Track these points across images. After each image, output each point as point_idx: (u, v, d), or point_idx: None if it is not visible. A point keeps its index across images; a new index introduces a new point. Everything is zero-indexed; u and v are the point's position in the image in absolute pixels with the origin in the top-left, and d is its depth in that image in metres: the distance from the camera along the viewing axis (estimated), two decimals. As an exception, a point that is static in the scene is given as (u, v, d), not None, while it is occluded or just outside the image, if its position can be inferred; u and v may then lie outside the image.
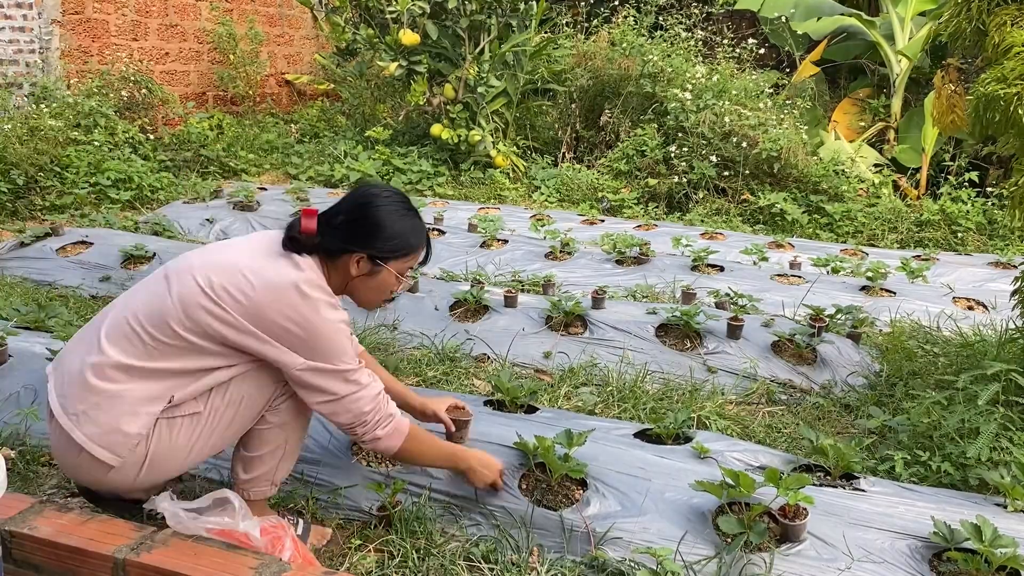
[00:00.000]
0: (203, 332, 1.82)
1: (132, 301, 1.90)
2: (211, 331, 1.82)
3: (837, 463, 2.42)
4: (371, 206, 1.96)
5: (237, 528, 1.84)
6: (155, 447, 1.84)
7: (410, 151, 8.03)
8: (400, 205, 2.00)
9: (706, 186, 7.04)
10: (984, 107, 2.75)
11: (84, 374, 1.83)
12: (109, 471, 1.84)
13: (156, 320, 1.83)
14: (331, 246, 1.94)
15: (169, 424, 1.85)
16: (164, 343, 1.82)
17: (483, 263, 4.99)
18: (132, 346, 1.83)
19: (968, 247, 6.17)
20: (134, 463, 1.84)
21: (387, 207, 1.97)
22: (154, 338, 1.82)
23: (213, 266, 1.87)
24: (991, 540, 1.89)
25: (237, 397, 1.89)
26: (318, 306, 1.85)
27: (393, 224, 1.96)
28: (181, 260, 1.94)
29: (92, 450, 1.80)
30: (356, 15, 8.63)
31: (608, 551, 2.07)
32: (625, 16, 8.82)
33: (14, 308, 3.51)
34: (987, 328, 3.72)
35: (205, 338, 1.82)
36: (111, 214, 5.81)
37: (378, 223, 1.95)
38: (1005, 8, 2.83)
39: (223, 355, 1.86)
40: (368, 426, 1.96)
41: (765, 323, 3.73)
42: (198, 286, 1.83)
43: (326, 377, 1.88)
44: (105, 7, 7.93)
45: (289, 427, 2.02)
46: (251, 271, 1.85)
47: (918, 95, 8.48)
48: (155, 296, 1.87)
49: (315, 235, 1.91)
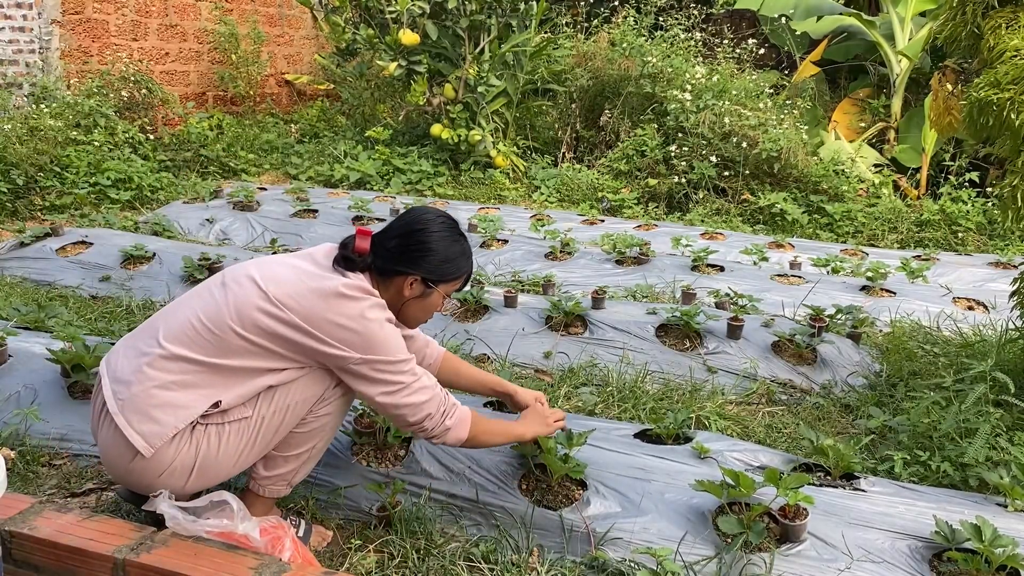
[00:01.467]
0: (259, 330, 1.86)
1: (190, 304, 1.95)
2: (267, 328, 1.86)
3: (837, 463, 2.42)
4: (426, 231, 2.04)
5: (236, 530, 1.84)
6: (204, 453, 1.86)
7: (410, 151, 8.03)
8: (452, 230, 2.08)
9: (706, 186, 7.04)
10: (978, 112, 2.75)
11: (140, 367, 1.87)
12: (160, 474, 1.85)
13: (215, 319, 1.88)
14: (384, 267, 2.01)
15: (219, 431, 1.87)
16: (221, 339, 1.86)
17: (483, 263, 4.99)
18: (191, 340, 1.87)
19: (968, 247, 6.17)
20: (182, 465, 1.85)
21: (440, 232, 2.04)
22: (212, 333, 1.86)
23: (270, 274, 1.93)
24: (991, 540, 1.89)
25: (283, 405, 1.92)
26: (362, 305, 1.90)
27: (446, 249, 2.04)
28: (239, 268, 2.00)
29: (129, 436, 1.81)
30: (356, 15, 8.62)
31: (608, 551, 2.07)
32: (625, 16, 8.82)
33: (14, 308, 3.51)
34: (987, 328, 3.72)
35: (261, 335, 1.86)
36: (111, 214, 5.81)
37: (432, 248, 2.03)
38: (1000, 12, 2.83)
39: (274, 357, 1.88)
40: (435, 418, 1.98)
41: (765, 323, 3.73)
42: (256, 287, 1.89)
43: (382, 369, 1.91)
44: (105, 7, 7.93)
45: (320, 433, 2.02)
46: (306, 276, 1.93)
47: (918, 95, 8.48)
48: (213, 300, 1.92)
49: (368, 255, 1.99)
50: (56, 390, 2.73)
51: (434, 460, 2.36)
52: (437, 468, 2.34)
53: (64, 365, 2.72)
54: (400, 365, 1.93)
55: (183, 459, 1.85)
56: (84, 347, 2.71)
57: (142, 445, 1.82)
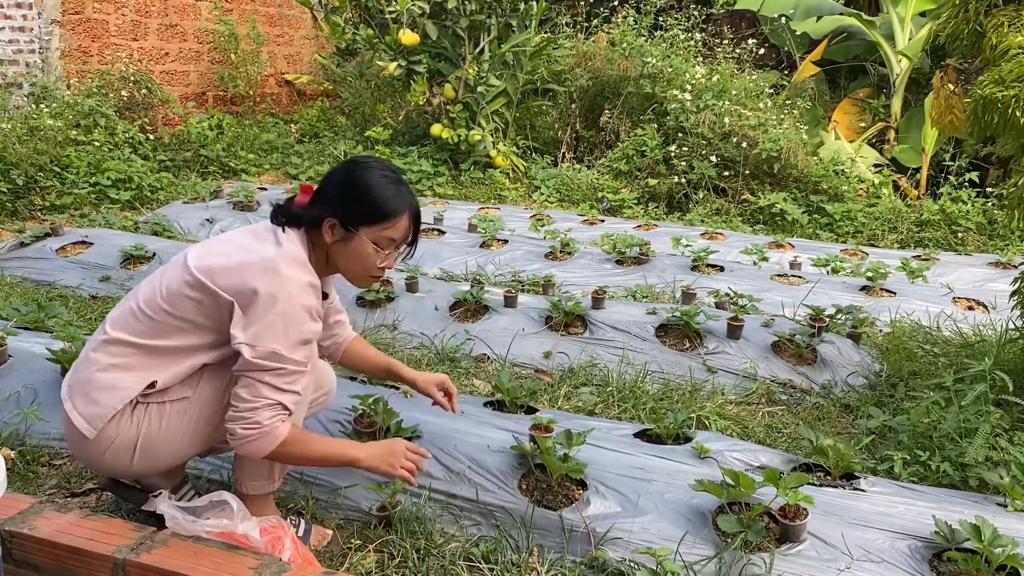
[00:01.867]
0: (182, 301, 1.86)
1: (136, 290, 1.99)
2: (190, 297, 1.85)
3: (837, 463, 2.42)
4: (352, 173, 1.94)
5: (236, 530, 1.84)
6: (146, 432, 1.87)
7: (410, 151, 8.03)
8: (382, 172, 1.94)
9: (706, 186, 7.04)
10: (982, 110, 2.75)
11: (87, 353, 1.93)
12: (104, 453, 1.87)
13: (149, 301, 1.90)
14: (310, 216, 1.93)
15: (160, 410, 1.88)
16: (152, 319, 1.88)
17: (483, 263, 4.99)
18: (128, 324, 1.91)
19: (968, 247, 6.17)
20: (124, 443, 1.87)
21: (367, 173, 1.92)
22: (145, 315, 1.89)
23: (203, 249, 1.94)
24: (991, 540, 1.89)
25: (222, 386, 1.91)
26: (287, 283, 1.81)
27: (371, 189, 1.90)
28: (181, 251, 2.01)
29: (73, 418, 1.86)
30: (356, 15, 8.62)
31: (608, 551, 2.07)
32: (624, 16, 8.82)
33: (14, 308, 3.51)
34: (987, 328, 3.72)
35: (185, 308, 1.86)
36: (111, 214, 5.81)
37: (355, 187, 1.92)
38: (1002, 10, 2.83)
39: (203, 331, 1.88)
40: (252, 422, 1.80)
41: (765, 323, 3.73)
42: (185, 265, 1.89)
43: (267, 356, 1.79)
44: (105, 7, 7.93)
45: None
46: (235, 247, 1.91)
47: (918, 95, 8.48)
48: (150, 283, 1.96)
49: (304, 208, 1.94)
50: (56, 390, 2.71)
51: (434, 460, 2.36)
52: (437, 468, 2.34)
53: (64, 365, 2.72)
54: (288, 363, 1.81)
55: (124, 438, 1.86)
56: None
57: (84, 427, 1.85)
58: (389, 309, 3.98)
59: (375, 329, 3.80)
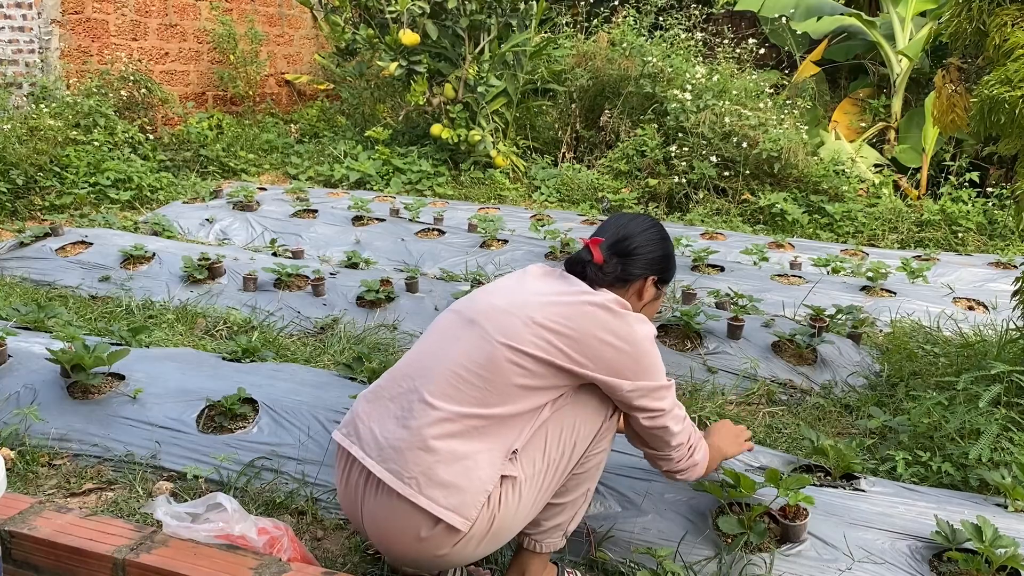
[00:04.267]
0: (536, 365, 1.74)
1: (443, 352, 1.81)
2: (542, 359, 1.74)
3: (837, 463, 2.42)
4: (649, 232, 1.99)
5: (233, 531, 1.83)
6: (503, 512, 1.71)
7: (410, 151, 8.03)
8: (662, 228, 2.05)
9: (706, 186, 7.03)
10: (989, 110, 2.75)
11: (418, 433, 1.71)
12: (456, 542, 1.68)
13: (487, 363, 1.74)
14: (624, 273, 1.92)
15: (513, 485, 1.72)
16: (492, 382, 1.72)
17: (483, 263, 4.98)
18: (465, 394, 1.72)
19: (968, 247, 6.17)
20: (480, 531, 1.70)
21: (660, 231, 2.03)
22: (488, 381, 1.72)
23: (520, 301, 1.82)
24: (991, 540, 1.88)
25: (570, 443, 1.80)
26: (631, 321, 1.82)
27: (668, 247, 2.03)
28: (480, 303, 1.88)
29: (441, 514, 1.65)
30: (356, 15, 8.62)
31: (608, 551, 2.07)
32: (625, 16, 8.82)
33: (14, 308, 3.50)
34: (987, 328, 3.72)
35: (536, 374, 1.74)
36: (111, 214, 5.81)
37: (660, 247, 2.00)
38: (1006, 8, 2.83)
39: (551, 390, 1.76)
40: (683, 450, 1.89)
41: (765, 323, 3.73)
42: (520, 322, 1.77)
43: (651, 395, 1.81)
44: (105, 7, 7.93)
45: (595, 472, 1.91)
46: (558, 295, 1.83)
47: (918, 95, 8.48)
48: (475, 341, 1.79)
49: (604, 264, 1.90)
50: (56, 390, 2.73)
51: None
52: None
53: (64, 365, 2.71)
54: (663, 391, 1.83)
55: (480, 524, 1.69)
56: (84, 347, 2.71)
57: (457, 520, 1.66)
58: (389, 309, 3.98)
59: (375, 329, 3.79)
